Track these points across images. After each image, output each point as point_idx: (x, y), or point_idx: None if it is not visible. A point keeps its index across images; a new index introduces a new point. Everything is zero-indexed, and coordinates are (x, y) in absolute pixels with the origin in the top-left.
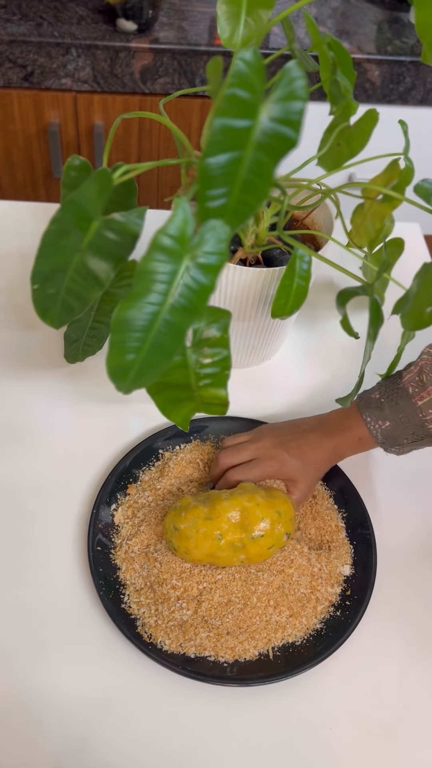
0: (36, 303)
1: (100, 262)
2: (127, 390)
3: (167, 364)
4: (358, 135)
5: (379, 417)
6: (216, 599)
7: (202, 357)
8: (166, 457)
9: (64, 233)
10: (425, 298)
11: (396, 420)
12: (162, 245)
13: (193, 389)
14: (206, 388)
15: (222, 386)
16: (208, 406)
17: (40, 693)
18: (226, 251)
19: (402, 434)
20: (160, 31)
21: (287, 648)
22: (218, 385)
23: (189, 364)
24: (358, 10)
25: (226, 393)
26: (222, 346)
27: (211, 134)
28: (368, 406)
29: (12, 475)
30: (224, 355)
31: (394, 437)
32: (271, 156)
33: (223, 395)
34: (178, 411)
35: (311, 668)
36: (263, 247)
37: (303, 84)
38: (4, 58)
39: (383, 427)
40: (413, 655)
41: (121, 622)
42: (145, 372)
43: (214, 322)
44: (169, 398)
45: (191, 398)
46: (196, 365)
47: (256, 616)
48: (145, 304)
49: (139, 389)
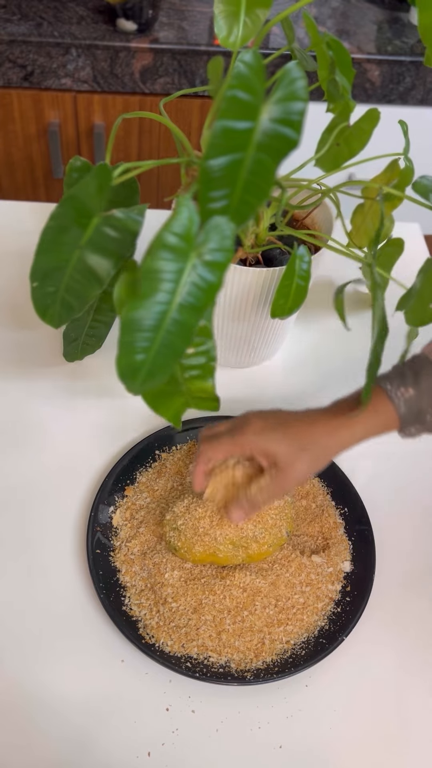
0: (35, 301)
1: (99, 259)
2: (138, 391)
3: (176, 363)
4: (357, 135)
5: (401, 384)
6: (217, 599)
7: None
8: (163, 458)
9: (63, 229)
10: (429, 294)
11: (419, 389)
12: (167, 243)
13: (179, 382)
14: (193, 381)
15: (208, 378)
16: (198, 400)
17: (42, 695)
18: (231, 248)
19: (427, 407)
20: (160, 31)
21: (288, 647)
22: (204, 377)
23: None
24: (358, 10)
25: (212, 385)
26: (205, 335)
27: (212, 136)
28: (388, 376)
29: (10, 475)
30: (209, 346)
31: (418, 408)
32: (272, 156)
33: (209, 387)
34: (168, 406)
35: (312, 667)
36: (263, 247)
37: (303, 84)
38: (4, 58)
39: (406, 396)
40: (413, 651)
41: (122, 624)
42: (156, 372)
43: None
44: (156, 392)
45: (179, 392)
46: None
47: (257, 616)
48: (153, 304)
49: (149, 389)
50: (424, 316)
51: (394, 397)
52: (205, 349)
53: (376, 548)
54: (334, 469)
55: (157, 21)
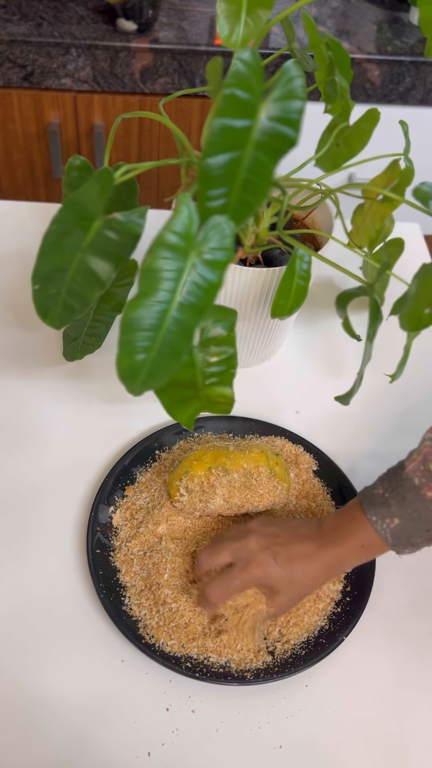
0: (37, 303)
1: (101, 261)
2: (138, 391)
3: (177, 363)
4: (357, 135)
5: (386, 515)
6: None
7: (208, 356)
8: (163, 457)
9: (65, 233)
10: (424, 299)
11: (405, 516)
12: (167, 242)
13: (199, 388)
14: (212, 387)
15: (228, 384)
16: (213, 404)
17: (42, 695)
18: (231, 247)
19: (414, 532)
20: (160, 31)
21: (288, 647)
22: (224, 384)
23: (195, 363)
24: (358, 10)
25: (231, 391)
26: (228, 344)
27: (211, 134)
28: (372, 503)
29: (10, 475)
30: (230, 354)
31: (406, 537)
32: (270, 155)
33: (228, 393)
34: (184, 410)
35: (312, 667)
36: (263, 247)
37: (301, 83)
38: (4, 58)
39: (392, 526)
40: (413, 651)
41: (122, 624)
42: (156, 372)
43: (221, 321)
44: (175, 398)
45: (197, 397)
46: (202, 364)
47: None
48: (153, 303)
49: (149, 390)
50: (419, 321)
51: (380, 530)
52: (226, 357)
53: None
54: (334, 469)
55: (157, 21)
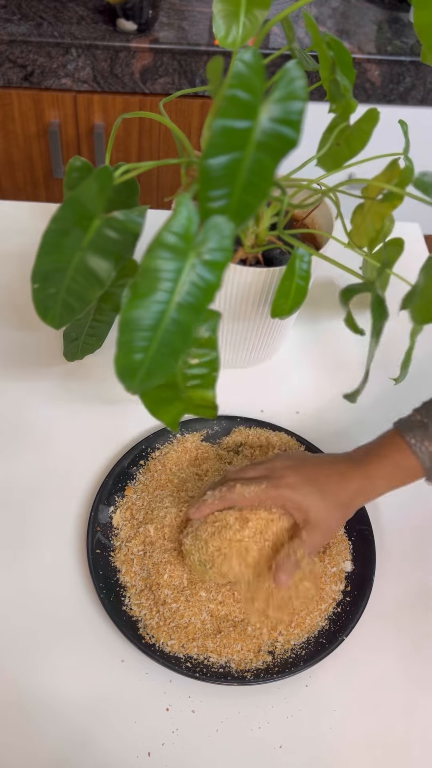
0: (36, 303)
1: (100, 261)
2: (136, 390)
3: (175, 363)
4: (358, 135)
5: (424, 437)
6: (218, 601)
7: (189, 357)
8: (162, 455)
9: (64, 232)
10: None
11: None
12: (166, 243)
13: (180, 389)
14: (194, 389)
15: (210, 388)
16: (196, 408)
17: (42, 695)
18: (230, 247)
19: None
20: (160, 31)
21: (288, 647)
22: (206, 387)
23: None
24: (358, 10)
25: (213, 395)
26: (210, 347)
27: (212, 135)
28: (410, 428)
29: (10, 475)
30: (212, 357)
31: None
32: (271, 156)
33: (210, 397)
34: (167, 411)
35: (312, 667)
36: (263, 247)
37: (302, 84)
38: (4, 58)
39: (431, 449)
40: (413, 651)
41: (122, 624)
42: (154, 371)
43: (203, 322)
44: (156, 398)
45: (179, 398)
46: (183, 365)
47: (259, 618)
48: (151, 303)
49: (149, 393)
50: (429, 313)
51: (419, 452)
52: (208, 360)
53: (376, 548)
54: None
55: (157, 21)
